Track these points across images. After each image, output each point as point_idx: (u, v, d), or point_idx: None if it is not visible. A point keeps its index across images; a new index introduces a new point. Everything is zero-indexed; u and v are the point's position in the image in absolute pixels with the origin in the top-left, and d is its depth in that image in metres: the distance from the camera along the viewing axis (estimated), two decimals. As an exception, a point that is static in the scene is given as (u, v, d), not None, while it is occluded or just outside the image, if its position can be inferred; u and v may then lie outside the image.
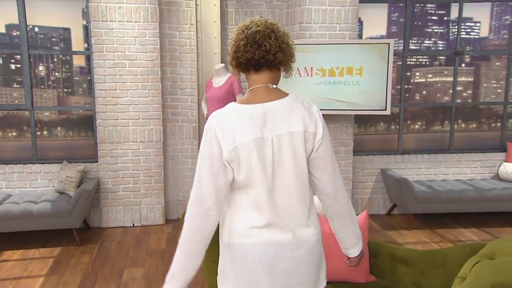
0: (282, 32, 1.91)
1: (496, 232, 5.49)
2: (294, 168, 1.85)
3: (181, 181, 5.81)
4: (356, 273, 2.94)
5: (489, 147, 6.37)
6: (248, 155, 1.79)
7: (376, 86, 5.26)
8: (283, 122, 1.83)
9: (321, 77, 5.24)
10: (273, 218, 1.84)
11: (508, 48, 6.24)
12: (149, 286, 4.04)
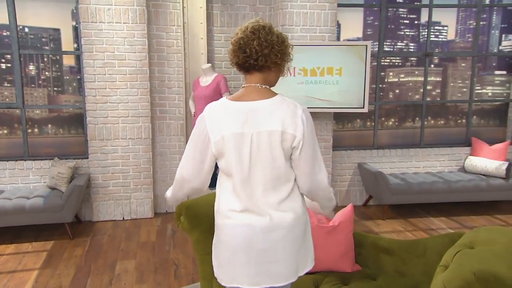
0: (268, 37, 1.95)
1: (463, 221, 5.58)
2: (270, 163, 1.94)
3: (169, 176, 5.71)
4: (343, 263, 2.94)
5: (455, 142, 6.48)
6: (227, 147, 1.94)
7: (354, 85, 5.29)
8: (264, 121, 1.92)
9: (303, 76, 5.23)
10: (248, 205, 1.97)
11: (472, 51, 6.34)
12: (141, 277, 3.97)
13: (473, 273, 2.00)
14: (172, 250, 4.56)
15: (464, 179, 5.78)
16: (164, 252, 4.50)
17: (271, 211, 1.98)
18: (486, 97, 6.68)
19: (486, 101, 6.65)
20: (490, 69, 6.66)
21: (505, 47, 6.61)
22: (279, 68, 2.05)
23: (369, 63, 5.32)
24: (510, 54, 6.54)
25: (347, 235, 2.95)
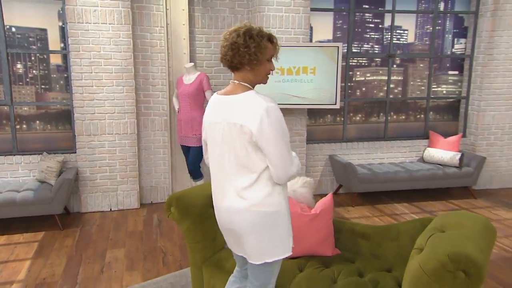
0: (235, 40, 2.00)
1: (422, 206, 5.71)
2: (233, 152, 2.03)
3: (153, 169, 5.64)
4: (324, 248, 2.96)
5: (415, 135, 6.60)
6: (207, 133, 2.16)
7: (327, 83, 5.32)
8: (232, 113, 2.01)
9: (280, 75, 5.23)
10: (216, 188, 2.18)
11: (430, 52, 6.48)
12: (131, 265, 3.92)
13: (446, 255, 2.03)
14: (159, 238, 4.50)
15: (423, 168, 5.92)
16: (152, 241, 4.44)
17: (234, 195, 2.07)
18: (441, 95, 6.78)
19: (441, 98, 6.76)
20: (444, 69, 6.77)
21: (457, 50, 6.74)
22: (253, 68, 2.04)
23: (341, 63, 5.33)
24: (462, 56, 6.66)
25: (327, 222, 2.98)
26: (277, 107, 2.00)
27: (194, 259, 2.96)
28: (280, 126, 1.98)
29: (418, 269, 2.12)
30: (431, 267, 2.06)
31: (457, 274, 2.00)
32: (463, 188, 6.29)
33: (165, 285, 3.45)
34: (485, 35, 6.26)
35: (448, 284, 2.02)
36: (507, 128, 6.49)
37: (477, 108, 6.46)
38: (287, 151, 2.00)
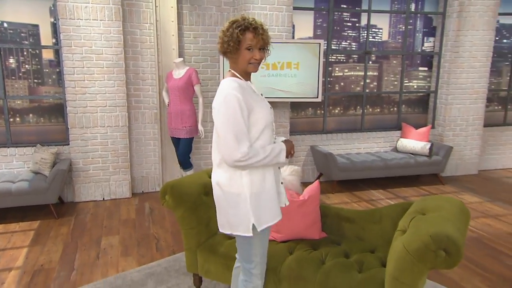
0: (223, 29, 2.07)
1: (396, 192, 5.79)
2: (214, 130, 2.11)
3: (144, 160, 5.56)
4: (312, 232, 2.98)
5: (389, 127, 6.67)
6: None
7: (309, 78, 5.34)
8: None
9: (266, 70, 5.23)
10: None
11: (402, 50, 6.55)
12: (126, 251, 3.87)
13: (429, 235, 2.08)
14: (151, 226, 4.45)
15: (397, 157, 6.00)
16: (144, 228, 4.39)
17: (213, 169, 2.22)
18: (412, 89, 6.86)
19: (412, 93, 6.84)
20: (415, 65, 6.84)
21: (427, 48, 6.82)
22: (232, 56, 2.08)
23: (322, 59, 5.35)
24: (431, 53, 6.75)
25: (315, 208, 3.00)
26: (238, 91, 1.99)
27: (188, 244, 2.95)
28: (232, 115, 1.98)
29: (402, 249, 2.16)
30: (414, 247, 2.10)
31: (438, 253, 2.04)
32: (432, 175, 6.41)
33: (159, 270, 3.43)
34: (451, 34, 6.36)
35: (430, 262, 2.07)
36: (471, 120, 6.61)
37: (444, 102, 6.57)
38: (232, 138, 1.97)
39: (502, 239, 4.21)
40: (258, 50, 2.04)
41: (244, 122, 2.00)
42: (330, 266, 2.53)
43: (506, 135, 7.15)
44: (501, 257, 3.80)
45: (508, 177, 6.67)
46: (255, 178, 2.08)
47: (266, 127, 2.09)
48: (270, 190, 2.14)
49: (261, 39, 2.03)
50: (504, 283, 3.34)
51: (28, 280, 3.30)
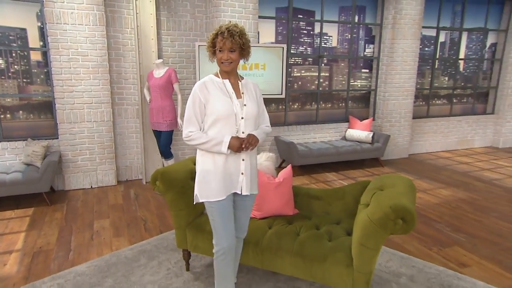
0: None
1: (346, 173, 5.92)
2: None
3: (127, 151, 5.40)
4: (286, 209, 3.02)
5: (338, 119, 6.79)
6: None
7: (275, 77, 5.38)
8: None
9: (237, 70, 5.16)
10: None
11: (348, 54, 6.68)
12: (117, 232, 3.77)
13: (389, 207, 2.16)
14: (138, 209, 4.35)
15: (346, 145, 6.13)
16: (132, 211, 4.28)
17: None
18: (357, 88, 6.98)
19: (357, 90, 6.97)
20: (359, 68, 6.96)
21: (368, 53, 6.95)
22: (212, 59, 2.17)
23: (285, 61, 5.38)
24: (371, 57, 6.89)
25: (288, 188, 3.04)
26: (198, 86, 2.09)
27: (178, 224, 2.92)
28: (188, 103, 2.11)
29: (366, 219, 2.24)
30: (377, 217, 2.19)
31: (397, 221, 2.14)
32: (374, 159, 6.61)
33: (149, 247, 3.38)
34: (387, 42, 6.56)
35: (390, 229, 2.16)
36: (403, 113, 6.87)
37: (382, 98, 6.77)
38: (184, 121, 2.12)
39: (431, 208, 4.45)
40: (227, 51, 2.03)
41: (194, 111, 2.08)
42: (304, 237, 2.58)
43: (429, 125, 7.50)
44: (431, 223, 4.03)
45: (431, 159, 7.00)
46: (205, 160, 2.14)
47: (218, 119, 2.07)
48: (217, 173, 2.12)
49: (229, 42, 2.01)
50: (436, 242, 3.57)
51: (29, 261, 3.16)
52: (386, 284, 2.83)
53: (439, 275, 2.96)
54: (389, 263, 3.12)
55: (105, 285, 2.80)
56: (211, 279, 2.85)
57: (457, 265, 3.14)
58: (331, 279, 2.39)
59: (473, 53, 7.96)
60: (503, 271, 3.07)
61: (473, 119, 7.89)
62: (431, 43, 7.38)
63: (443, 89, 7.77)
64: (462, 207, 4.49)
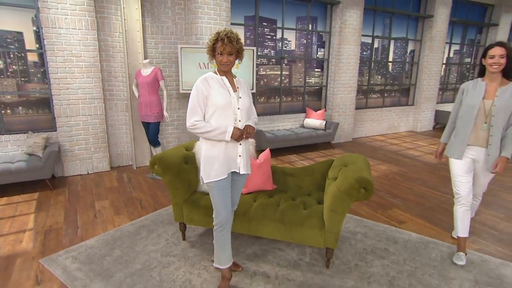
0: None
1: (305, 155, 5.98)
2: None
3: (119, 141, 5.20)
4: (267, 185, 3.08)
5: (297, 110, 6.84)
6: None
7: (247, 75, 5.33)
8: None
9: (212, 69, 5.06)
10: None
11: (304, 56, 6.75)
12: (117, 211, 3.68)
13: (354, 178, 2.30)
14: (132, 191, 4.24)
15: (304, 132, 6.19)
16: (127, 193, 4.17)
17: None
18: (311, 84, 7.02)
19: (311, 86, 7.00)
20: (312, 68, 7.02)
21: (319, 55, 7.01)
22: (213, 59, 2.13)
23: (255, 61, 5.36)
24: (322, 59, 6.97)
25: (268, 168, 3.09)
26: (201, 81, 2.06)
27: (175, 201, 2.91)
28: (191, 96, 2.08)
29: (336, 189, 2.36)
30: (344, 187, 2.31)
31: (360, 191, 2.28)
32: (326, 143, 6.79)
33: (148, 223, 3.35)
34: (335, 47, 6.72)
35: (355, 196, 2.30)
36: (348, 105, 7.10)
37: (332, 93, 6.94)
38: (188, 111, 2.08)
39: (374, 180, 4.64)
40: (226, 55, 2.04)
41: (198, 102, 2.04)
42: (284, 207, 2.66)
43: (367, 114, 7.80)
44: (375, 192, 4.23)
45: (369, 141, 7.30)
46: (207, 146, 2.14)
47: (217, 109, 2.06)
48: (219, 157, 2.11)
49: (228, 47, 2.02)
50: (379, 206, 3.78)
51: (42, 238, 3.03)
52: (346, 241, 3.01)
53: (384, 231, 3.19)
54: (347, 225, 3.31)
55: (114, 255, 2.76)
56: (205, 246, 2.88)
57: (396, 222, 3.38)
58: (308, 239, 2.50)
59: (398, 57, 8.33)
60: (428, 224, 3.36)
61: (399, 109, 8.32)
62: (368, 48, 7.63)
63: (377, 86, 8.08)
64: (396, 178, 4.79)
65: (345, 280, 2.44)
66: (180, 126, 5.57)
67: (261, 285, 2.38)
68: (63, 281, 2.41)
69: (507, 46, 2.43)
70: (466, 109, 2.61)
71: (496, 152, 2.57)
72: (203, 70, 5.04)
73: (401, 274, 2.52)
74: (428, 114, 8.65)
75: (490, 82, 2.55)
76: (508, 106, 2.46)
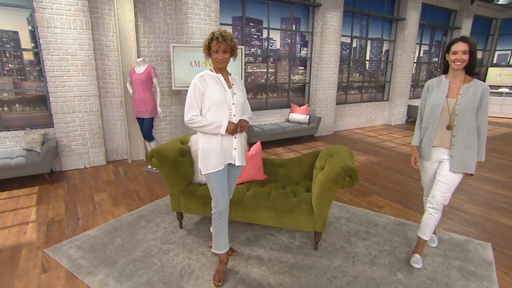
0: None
1: (291, 147, 6.01)
2: None
3: (114, 136, 5.12)
4: (258, 175, 3.11)
5: (283, 106, 6.84)
6: None
7: (235, 72, 5.31)
8: None
9: (205, 67, 5.06)
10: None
11: (289, 55, 6.77)
12: (116, 202, 3.64)
13: (340, 167, 2.35)
14: (129, 183, 4.19)
15: (289, 125, 6.23)
16: (124, 185, 4.11)
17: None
18: (296, 81, 7.03)
19: (296, 83, 7.01)
20: (296, 66, 7.05)
21: (303, 54, 7.04)
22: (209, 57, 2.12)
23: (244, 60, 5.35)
24: (305, 58, 7.00)
25: (259, 159, 3.13)
26: (198, 78, 2.06)
27: (172, 191, 2.91)
28: (189, 92, 2.07)
29: (323, 178, 2.42)
30: (331, 176, 2.37)
31: (345, 178, 2.34)
32: (310, 136, 6.85)
33: (146, 213, 3.33)
34: (317, 46, 6.76)
35: (341, 184, 2.35)
36: (329, 101, 7.18)
37: (314, 89, 7.00)
38: (186, 107, 2.08)
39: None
40: (221, 52, 2.05)
41: (195, 98, 2.04)
42: (275, 195, 2.70)
43: (347, 109, 7.91)
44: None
45: (349, 134, 7.41)
46: (204, 140, 2.14)
47: (213, 104, 2.06)
48: (216, 150, 2.13)
49: (223, 45, 2.03)
50: (361, 193, 3.87)
51: (46, 229, 2.99)
52: (332, 225, 3.09)
53: (365, 216, 3.29)
54: (332, 211, 3.40)
55: (115, 243, 2.74)
56: (201, 233, 2.90)
57: (376, 207, 3.49)
58: (298, 224, 2.56)
59: (375, 56, 8.46)
60: (404, 208, 3.49)
61: (375, 104, 8.49)
62: (347, 47, 7.71)
63: (355, 82, 8.20)
64: (374, 168, 4.91)
65: (332, 260, 2.52)
66: (173, 122, 5.52)
67: (255, 267, 2.43)
68: (68, 269, 2.39)
69: (470, 42, 2.15)
70: (430, 109, 2.32)
71: (460, 154, 2.24)
72: (194, 68, 5.00)
73: (382, 253, 2.63)
74: (402, 109, 8.86)
75: (454, 79, 2.27)
76: (472, 104, 2.17)
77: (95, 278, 2.31)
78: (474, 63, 2.18)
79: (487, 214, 3.39)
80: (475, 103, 2.17)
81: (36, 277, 2.32)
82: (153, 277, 2.32)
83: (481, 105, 2.18)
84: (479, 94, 2.17)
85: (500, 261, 2.56)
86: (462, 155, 2.24)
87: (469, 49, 2.14)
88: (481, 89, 2.18)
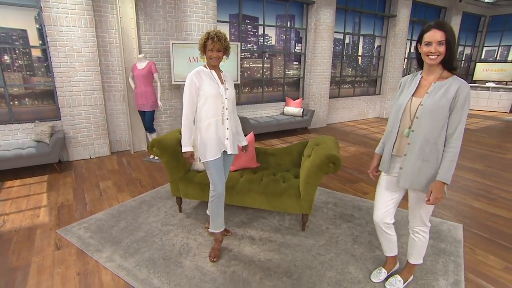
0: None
1: (285, 139, 6.07)
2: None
3: (117, 128, 5.24)
4: (251, 163, 3.20)
5: (278, 99, 6.88)
6: None
7: (232, 68, 5.39)
8: None
9: (202, 62, 5.08)
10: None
11: (284, 51, 6.81)
12: (120, 189, 3.77)
13: (325, 155, 2.46)
14: (132, 172, 4.33)
15: (284, 118, 6.29)
16: (127, 174, 4.25)
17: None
18: (290, 76, 7.07)
19: (290, 78, 7.05)
20: (291, 61, 7.08)
21: (297, 50, 7.07)
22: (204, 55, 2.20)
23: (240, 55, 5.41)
24: (300, 53, 7.04)
25: (252, 149, 3.24)
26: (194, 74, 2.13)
27: (172, 178, 3.01)
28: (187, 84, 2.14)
29: (310, 165, 2.54)
30: (317, 163, 2.50)
31: (329, 165, 2.48)
32: (303, 128, 6.90)
33: (148, 199, 3.46)
34: (311, 42, 6.81)
35: (325, 170, 2.48)
36: (322, 94, 7.26)
37: (308, 83, 7.07)
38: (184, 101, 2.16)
39: (344, 160, 4.86)
40: (216, 51, 2.14)
41: (190, 93, 2.14)
42: (266, 181, 2.82)
43: (339, 103, 7.99)
44: (345, 169, 4.44)
45: (342, 127, 7.49)
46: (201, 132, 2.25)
47: (208, 99, 2.15)
48: (210, 138, 2.23)
49: (217, 45, 2.13)
50: (348, 180, 4.00)
51: (57, 213, 3.15)
52: (319, 209, 3.25)
53: (351, 201, 3.43)
54: (320, 196, 3.54)
55: (120, 226, 2.89)
56: (199, 216, 3.03)
57: (362, 194, 3.63)
58: (287, 207, 2.70)
59: (367, 51, 8.51)
60: (389, 196, 3.65)
61: (367, 98, 8.57)
62: (340, 43, 7.76)
63: (348, 77, 8.26)
64: (363, 158, 5.03)
65: (318, 239, 2.69)
66: (173, 114, 5.65)
67: (248, 245, 2.60)
68: (79, 247, 2.57)
69: (446, 28, 1.61)
70: (394, 109, 1.83)
71: (413, 166, 1.74)
72: (193, 63, 5.11)
73: (363, 234, 2.79)
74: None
75: (427, 75, 1.74)
76: (439, 106, 1.65)
77: (102, 255, 2.48)
78: (452, 56, 1.63)
79: (462, 199, 3.56)
80: (443, 105, 1.64)
81: (50, 253, 2.50)
82: (155, 254, 2.49)
83: (454, 107, 1.64)
84: (452, 94, 1.64)
85: (468, 239, 2.74)
86: (415, 167, 1.73)
87: (445, 39, 1.60)
88: (455, 88, 1.63)
